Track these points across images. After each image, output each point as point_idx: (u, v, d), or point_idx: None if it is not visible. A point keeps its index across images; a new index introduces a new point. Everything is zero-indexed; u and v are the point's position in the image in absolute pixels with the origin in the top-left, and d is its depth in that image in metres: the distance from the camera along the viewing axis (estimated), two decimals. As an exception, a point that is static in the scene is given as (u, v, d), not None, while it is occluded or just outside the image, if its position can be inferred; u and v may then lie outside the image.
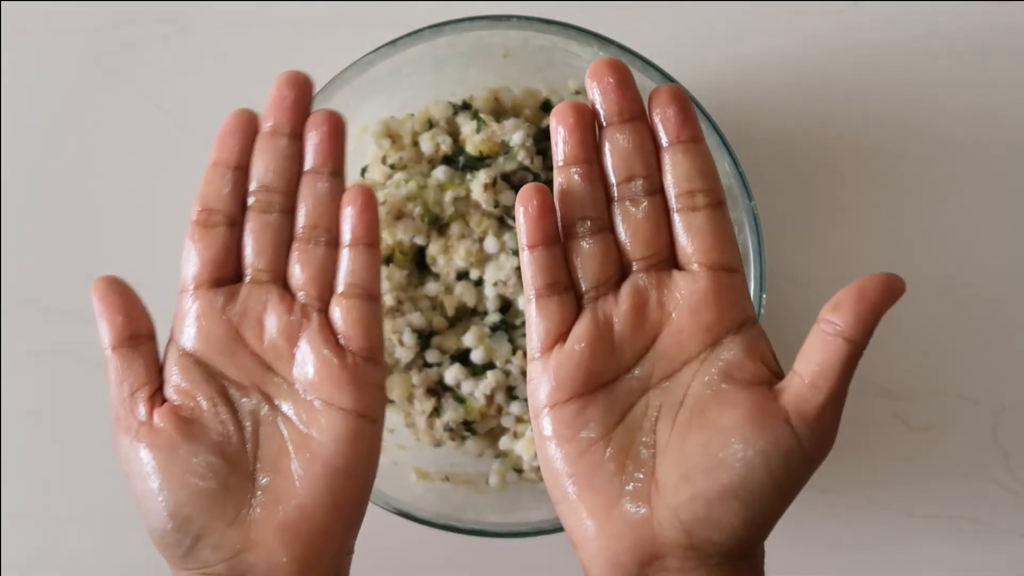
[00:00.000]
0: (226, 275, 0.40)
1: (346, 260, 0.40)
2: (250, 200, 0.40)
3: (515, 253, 0.53)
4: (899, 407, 0.60)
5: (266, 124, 0.41)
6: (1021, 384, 0.60)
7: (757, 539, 0.37)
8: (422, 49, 0.51)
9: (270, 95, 0.41)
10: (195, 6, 0.62)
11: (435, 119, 0.55)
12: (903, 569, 0.60)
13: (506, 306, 0.54)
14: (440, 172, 0.54)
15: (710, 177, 0.39)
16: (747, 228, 0.50)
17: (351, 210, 0.40)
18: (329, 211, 0.40)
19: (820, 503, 0.59)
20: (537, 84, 0.56)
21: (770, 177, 0.59)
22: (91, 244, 0.62)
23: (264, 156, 0.40)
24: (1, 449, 0.61)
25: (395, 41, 0.51)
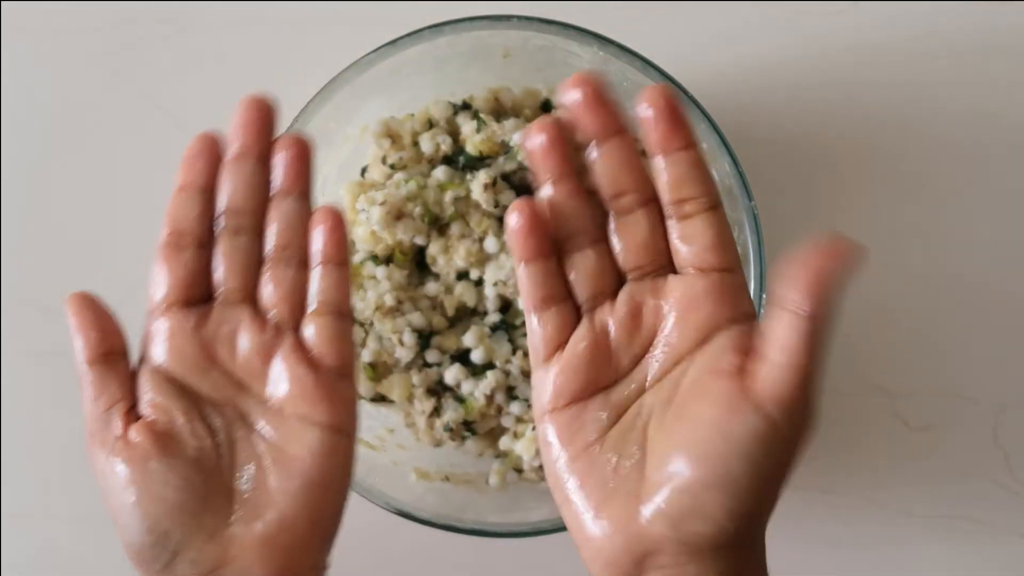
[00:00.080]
0: (197, 295, 0.40)
1: (317, 279, 0.40)
2: (219, 222, 0.41)
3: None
4: (899, 407, 0.60)
5: (232, 147, 0.41)
6: (1021, 384, 0.60)
7: (748, 529, 0.37)
8: (422, 49, 0.51)
9: (234, 119, 0.41)
10: (195, 6, 0.62)
11: (435, 119, 0.55)
12: (903, 569, 0.60)
13: (506, 306, 0.54)
14: (440, 172, 0.54)
15: (701, 182, 0.38)
16: (747, 228, 0.50)
17: (321, 230, 0.40)
18: (298, 232, 0.41)
19: (820, 503, 0.59)
20: (537, 84, 0.56)
21: (770, 177, 0.59)
22: (91, 244, 0.62)
23: (232, 179, 0.41)
24: (1, 449, 0.61)
25: (395, 41, 0.51)
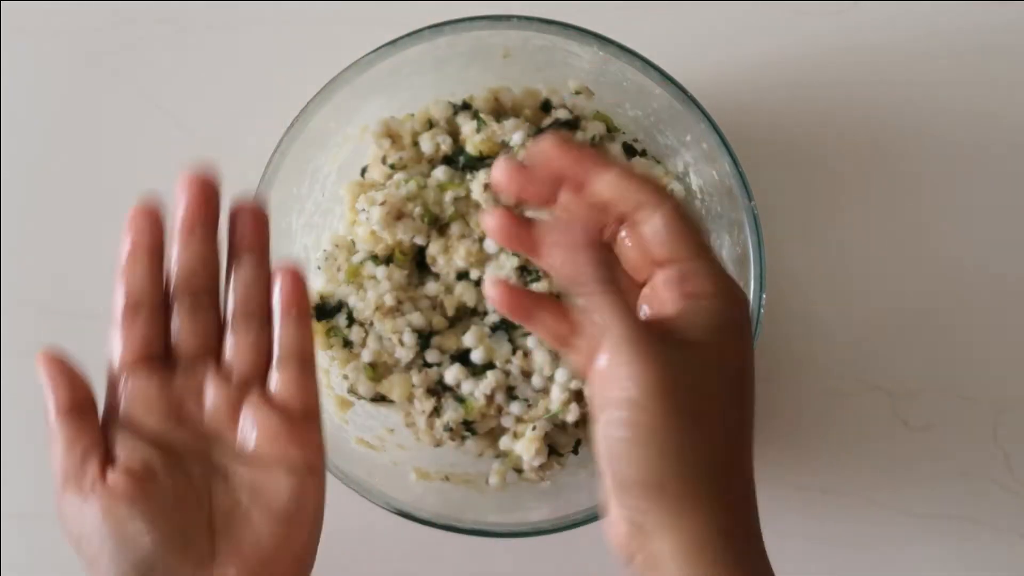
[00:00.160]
0: (158, 353, 0.41)
1: (279, 330, 0.41)
2: (176, 283, 0.41)
3: (515, 253, 0.53)
4: (899, 407, 0.60)
5: (180, 219, 0.42)
6: (1021, 384, 0.60)
7: (681, 472, 0.36)
8: (422, 49, 0.51)
9: (178, 195, 0.42)
10: (195, 6, 0.62)
11: (435, 119, 0.55)
12: (903, 569, 0.60)
13: (506, 306, 0.54)
14: (440, 172, 0.54)
15: (634, 191, 0.38)
16: (747, 228, 0.50)
17: (281, 286, 0.41)
18: (258, 291, 0.42)
19: (820, 503, 0.59)
20: (537, 84, 0.56)
21: (770, 177, 0.59)
22: (91, 244, 0.62)
23: (183, 247, 0.42)
24: (1, 449, 0.61)
25: (395, 41, 0.51)
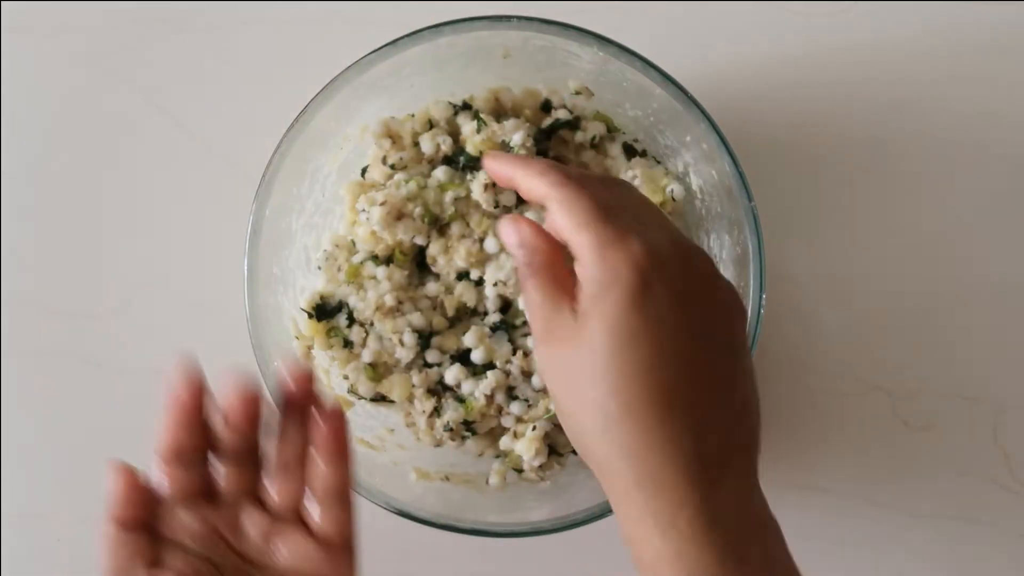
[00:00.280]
0: (199, 490, 0.43)
1: (322, 469, 0.43)
2: (221, 447, 0.43)
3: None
4: (899, 407, 0.60)
5: (225, 419, 0.43)
6: (1021, 384, 0.60)
7: (597, 444, 0.40)
8: (422, 49, 0.51)
9: (223, 395, 0.43)
10: (195, 6, 0.62)
11: (435, 119, 0.55)
12: (903, 569, 0.60)
13: (506, 306, 0.54)
14: (440, 172, 0.54)
15: (537, 198, 0.43)
16: (747, 228, 0.50)
17: (326, 434, 0.43)
18: (303, 447, 0.43)
19: (820, 503, 0.59)
20: (537, 84, 0.56)
21: (770, 177, 0.59)
22: (91, 244, 0.62)
23: (231, 434, 0.43)
24: (1, 449, 0.61)
25: (395, 41, 0.51)
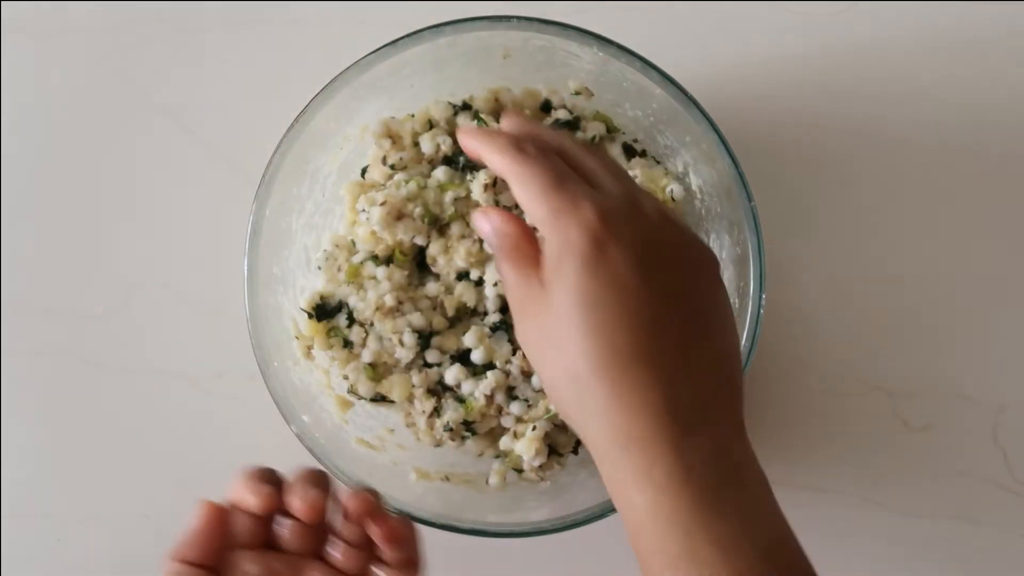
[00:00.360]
0: (269, 542, 0.43)
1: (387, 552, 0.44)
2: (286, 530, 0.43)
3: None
4: (899, 407, 0.60)
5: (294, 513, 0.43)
6: (1021, 384, 0.60)
7: (574, 410, 0.41)
8: (422, 50, 0.51)
9: (291, 490, 0.43)
10: (195, 6, 0.62)
11: (435, 119, 0.55)
12: (903, 569, 0.60)
13: (506, 306, 0.54)
14: (440, 172, 0.54)
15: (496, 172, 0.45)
16: (747, 228, 0.50)
17: (390, 539, 0.44)
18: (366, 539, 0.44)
19: (820, 503, 0.59)
20: (537, 84, 0.56)
21: (770, 177, 0.59)
22: (91, 244, 0.62)
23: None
24: (1, 449, 0.61)
25: (395, 42, 0.51)
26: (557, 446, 0.54)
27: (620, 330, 0.39)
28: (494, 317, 0.54)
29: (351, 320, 0.54)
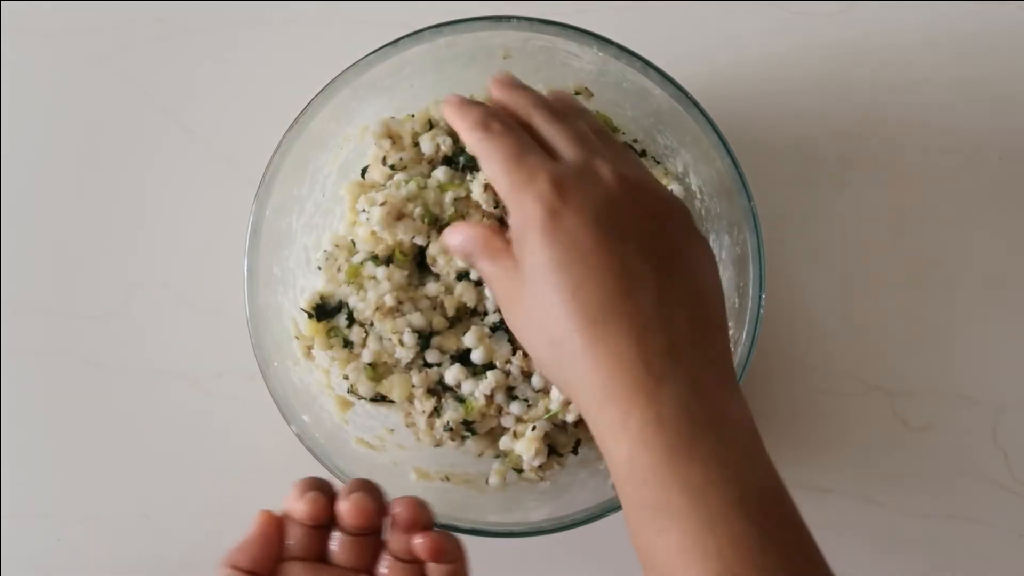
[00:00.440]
0: (321, 555, 0.43)
1: (433, 566, 0.43)
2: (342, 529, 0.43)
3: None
4: (899, 407, 0.60)
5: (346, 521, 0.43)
6: (1021, 384, 0.60)
7: (559, 378, 0.42)
8: (422, 50, 0.51)
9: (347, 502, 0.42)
10: (195, 6, 0.62)
11: (435, 120, 0.55)
12: (903, 569, 0.60)
13: (506, 306, 0.54)
14: (440, 173, 0.54)
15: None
16: (747, 228, 0.50)
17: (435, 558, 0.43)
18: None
19: (820, 503, 0.59)
20: (537, 84, 0.56)
21: (770, 177, 0.59)
22: (91, 244, 0.62)
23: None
24: (1, 449, 0.61)
25: (395, 42, 0.51)
26: (557, 446, 0.54)
27: (587, 290, 0.40)
28: (494, 317, 0.54)
29: (351, 320, 0.54)
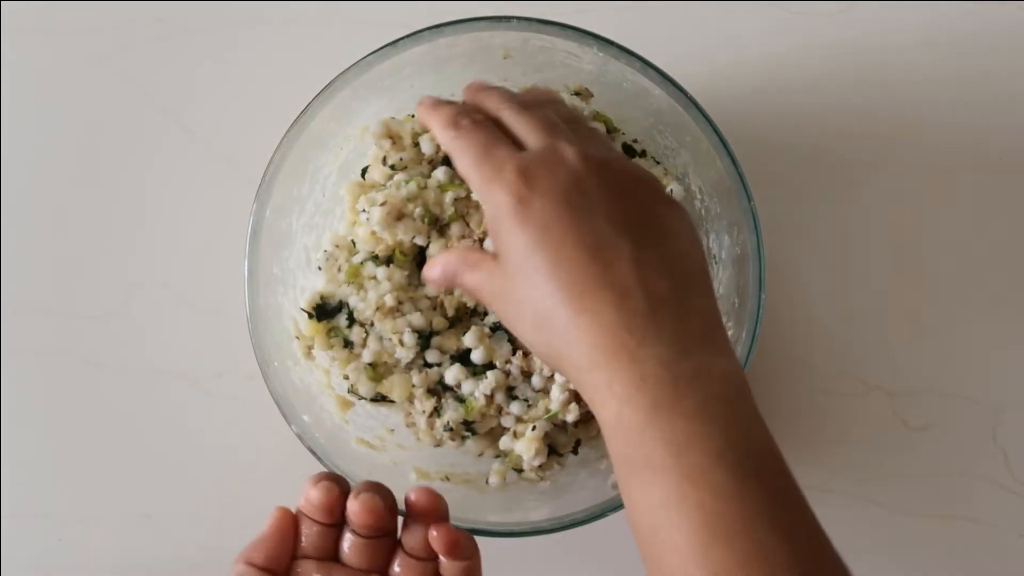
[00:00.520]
0: (335, 555, 0.44)
1: (447, 565, 0.44)
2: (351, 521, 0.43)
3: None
4: (899, 407, 0.60)
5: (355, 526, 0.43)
6: (1021, 384, 0.60)
7: (551, 359, 0.43)
8: (422, 50, 0.51)
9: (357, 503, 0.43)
10: (195, 6, 0.62)
11: (435, 119, 0.55)
12: (903, 569, 0.60)
13: (506, 306, 0.54)
14: (440, 173, 0.54)
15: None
16: (747, 228, 0.50)
17: (446, 551, 0.43)
18: (428, 545, 0.44)
19: (820, 503, 0.59)
20: (537, 84, 0.56)
21: (770, 177, 0.59)
22: (91, 244, 0.62)
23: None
24: (1, 449, 0.61)
25: (395, 42, 0.51)
26: (557, 446, 0.54)
27: (565, 267, 0.41)
28: (494, 317, 0.54)
29: (351, 320, 0.54)
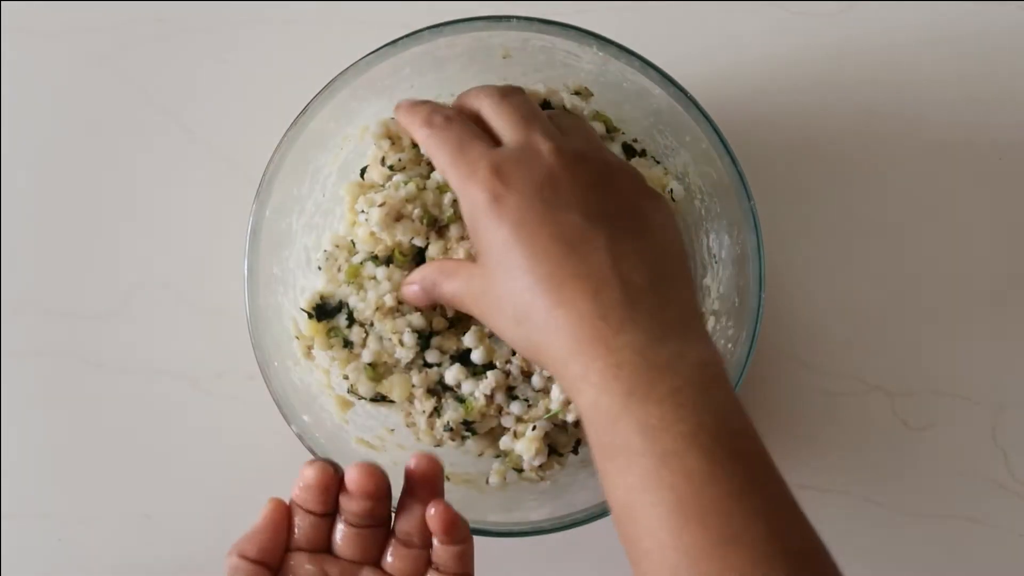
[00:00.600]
0: (327, 547, 0.44)
1: (441, 553, 0.44)
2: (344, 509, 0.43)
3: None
4: (899, 407, 0.60)
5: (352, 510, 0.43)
6: (1021, 384, 0.60)
7: (534, 354, 0.43)
8: (422, 50, 0.51)
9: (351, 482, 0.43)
10: (195, 6, 0.62)
11: (435, 120, 0.55)
12: (903, 569, 0.60)
13: (506, 306, 0.54)
14: (439, 174, 0.54)
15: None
16: (747, 228, 0.50)
17: (441, 529, 0.43)
18: (423, 527, 0.44)
19: (820, 503, 0.59)
20: (537, 84, 0.56)
21: (770, 177, 0.59)
22: (91, 244, 0.62)
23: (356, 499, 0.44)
24: (1, 449, 0.61)
25: (395, 42, 0.51)
26: (557, 446, 0.54)
27: (541, 261, 0.41)
28: (494, 317, 0.54)
29: (351, 320, 0.54)
